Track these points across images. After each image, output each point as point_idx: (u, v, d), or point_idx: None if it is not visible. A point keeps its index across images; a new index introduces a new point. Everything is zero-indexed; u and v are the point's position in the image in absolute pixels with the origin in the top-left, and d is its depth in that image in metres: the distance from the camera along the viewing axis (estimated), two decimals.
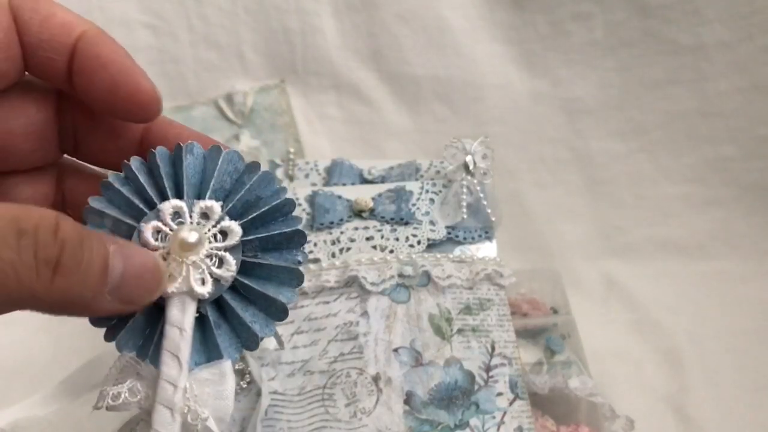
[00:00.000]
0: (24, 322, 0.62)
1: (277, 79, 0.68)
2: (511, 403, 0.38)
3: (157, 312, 0.21)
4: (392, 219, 0.43)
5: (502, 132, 0.69)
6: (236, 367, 0.38)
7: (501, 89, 0.69)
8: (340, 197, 0.44)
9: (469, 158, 0.43)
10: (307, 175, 0.48)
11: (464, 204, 0.43)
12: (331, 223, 0.43)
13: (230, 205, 0.22)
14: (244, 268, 0.21)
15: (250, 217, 0.22)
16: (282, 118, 0.68)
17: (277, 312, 0.21)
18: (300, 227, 0.22)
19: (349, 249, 0.42)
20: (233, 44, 0.67)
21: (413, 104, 0.70)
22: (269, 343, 0.38)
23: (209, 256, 0.21)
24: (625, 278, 0.67)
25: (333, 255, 0.42)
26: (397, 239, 0.42)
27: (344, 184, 0.46)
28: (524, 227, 0.69)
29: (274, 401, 0.37)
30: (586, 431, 0.43)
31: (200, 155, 0.22)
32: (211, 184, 0.22)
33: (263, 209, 0.22)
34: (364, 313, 0.39)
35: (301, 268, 0.22)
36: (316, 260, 0.41)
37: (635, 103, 0.68)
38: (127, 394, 0.20)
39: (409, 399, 0.37)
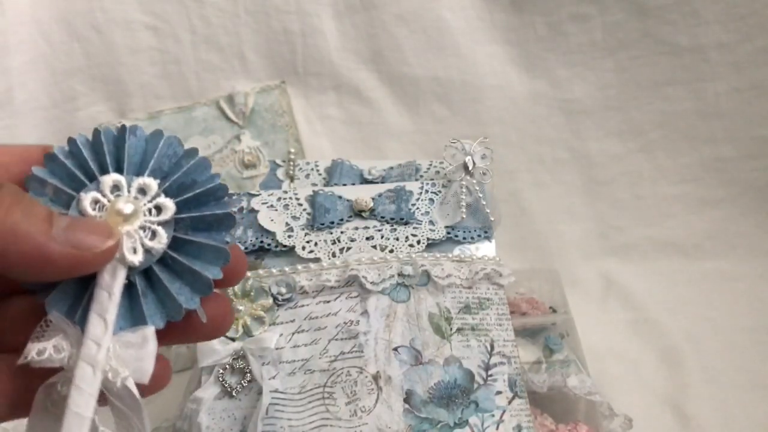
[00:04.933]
0: None
1: (277, 80, 0.69)
2: (510, 402, 0.38)
3: (88, 279, 0.22)
4: (392, 219, 0.43)
5: (501, 132, 0.69)
6: (236, 366, 0.38)
7: (500, 90, 0.69)
8: (340, 197, 0.44)
9: (468, 158, 0.44)
10: (307, 176, 0.48)
11: (463, 204, 0.44)
12: (332, 222, 0.43)
13: (167, 185, 0.23)
14: (175, 244, 0.23)
15: (184, 197, 0.23)
16: (282, 119, 0.68)
17: (203, 287, 0.23)
18: (230, 211, 0.24)
19: (349, 248, 0.42)
20: (234, 45, 0.67)
21: (413, 105, 0.70)
22: (270, 341, 0.39)
23: (143, 228, 0.22)
24: (624, 278, 0.67)
25: (333, 254, 0.42)
26: (397, 239, 0.43)
27: (344, 184, 0.47)
28: (523, 227, 0.70)
29: (274, 400, 0.37)
30: (584, 430, 0.44)
31: (143, 137, 0.24)
32: (151, 164, 0.23)
33: (197, 191, 0.23)
34: (365, 312, 0.40)
35: (227, 247, 0.23)
36: (317, 260, 0.42)
37: (633, 103, 0.68)
38: (51, 351, 0.21)
39: (408, 397, 0.37)
